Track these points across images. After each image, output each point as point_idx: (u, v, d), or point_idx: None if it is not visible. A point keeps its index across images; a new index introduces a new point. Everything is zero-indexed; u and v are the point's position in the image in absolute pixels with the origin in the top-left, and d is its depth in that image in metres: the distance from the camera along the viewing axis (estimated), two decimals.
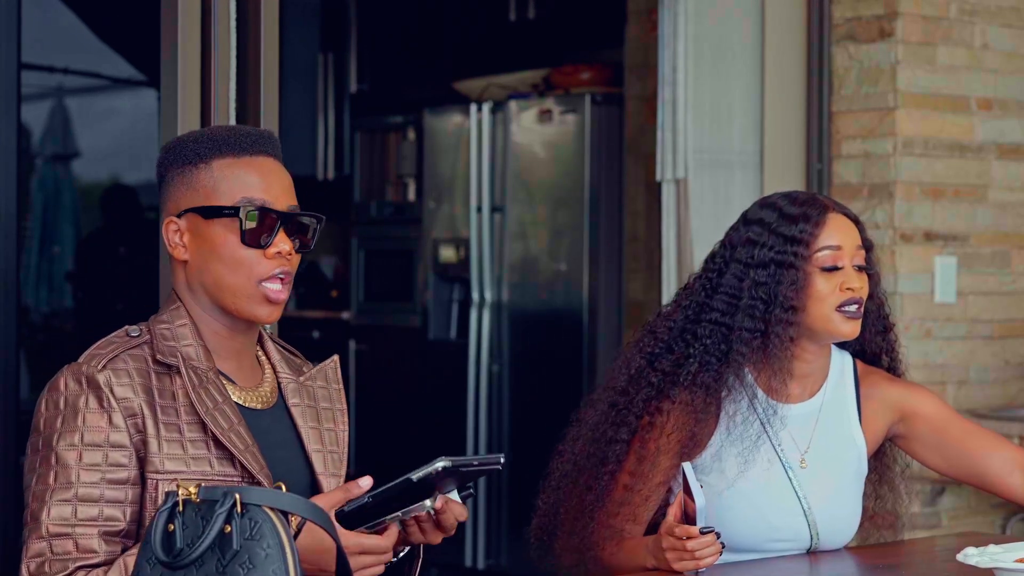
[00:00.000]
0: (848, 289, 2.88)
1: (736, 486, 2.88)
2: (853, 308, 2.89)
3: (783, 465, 2.92)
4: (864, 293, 2.92)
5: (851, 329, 2.90)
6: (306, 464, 2.50)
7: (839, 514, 2.96)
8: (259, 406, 2.48)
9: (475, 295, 6.44)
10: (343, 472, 2.53)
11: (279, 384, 2.53)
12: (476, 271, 6.44)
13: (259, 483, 2.37)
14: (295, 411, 2.51)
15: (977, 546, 2.68)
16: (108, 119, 7.59)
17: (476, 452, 6.37)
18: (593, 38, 6.58)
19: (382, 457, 6.77)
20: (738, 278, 2.91)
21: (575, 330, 6.10)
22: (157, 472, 2.33)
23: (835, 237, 2.90)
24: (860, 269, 2.92)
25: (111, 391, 2.33)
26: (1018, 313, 5.01)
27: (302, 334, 7.22)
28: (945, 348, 4.84)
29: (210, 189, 2.42)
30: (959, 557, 2.63)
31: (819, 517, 2.92)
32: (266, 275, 2.41)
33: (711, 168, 4.73)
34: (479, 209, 6.45)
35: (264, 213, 2.41)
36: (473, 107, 6.49)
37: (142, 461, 2.34)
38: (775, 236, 2.90)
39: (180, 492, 2.05)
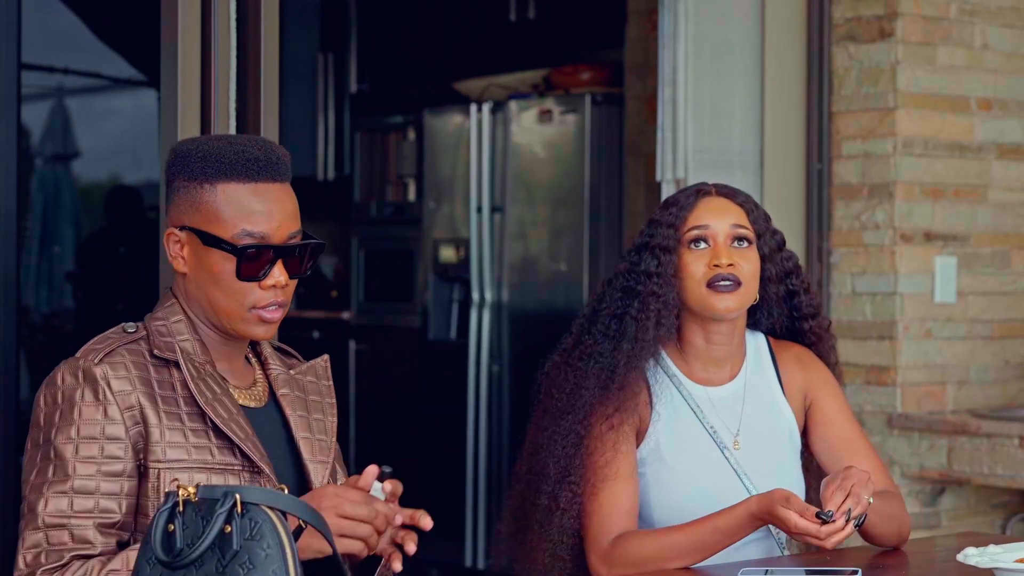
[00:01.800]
0: (716, 265, 2.91)
1: (680, 474, 2.91)
2: (725, 284, 2.91)
3: (719, 447, 2.95)
4: (741, 270, 2.92)
5: (724, 305, 2.92)
6: (294, 454, 2.52)
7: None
8: (253, 404, 2.50)
9: (475, 295, 6.44)
10: (330, 459, 2.55)
11: (269, 381, 2.55)
12: (476, 271, 6.44)
13: (261, 471, 2.39)
14: (284, 400, 2.53)
15: (977, 546, 2.68)
16: (108, 119, 7.59)
17: (475, 452, 6.38)
18: (593, 38, 6.58)
19: (382, 458, 6.74)
20: (623, 261, 3.00)
21: None
22: (159, 461, 2.35)
23: (704, 218, 2.95)
24: (745, 246, 2.94)
25: (108, 384, 2.36)
26: (1018, 313, 5.01)
27: (302, 334, 7.22)
28: (945, 348, 4.84)
29: (212, 213, 2.41)
30: (959, 557, 2.63)
31: None
32: (260, 304, 2.44)
33: (711, 168, 4.72)
34: (479, 209, 6.45)
35: (261, 250, 2.41)
36: (473, 107, 6.48)
37: (143, 452, 2.36)
38: (651, 223, 2.98)
39: (180, 492, 2.05)
